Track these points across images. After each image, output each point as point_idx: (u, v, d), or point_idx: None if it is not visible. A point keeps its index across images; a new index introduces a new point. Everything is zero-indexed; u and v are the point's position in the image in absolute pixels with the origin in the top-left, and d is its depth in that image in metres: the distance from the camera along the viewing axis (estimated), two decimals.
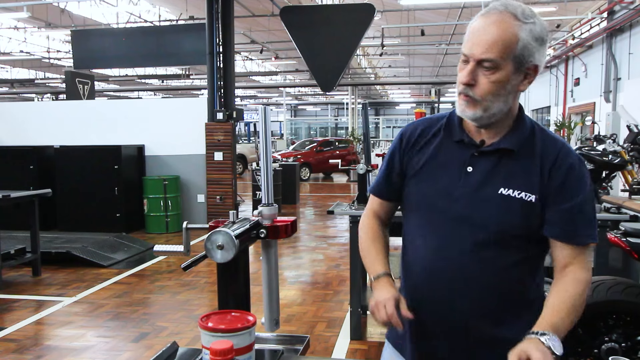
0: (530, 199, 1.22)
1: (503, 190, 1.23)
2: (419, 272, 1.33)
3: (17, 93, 25.30)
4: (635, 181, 6.48)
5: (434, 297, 1.30)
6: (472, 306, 1.27)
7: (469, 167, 1.27)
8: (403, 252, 1.42)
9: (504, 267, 1.25)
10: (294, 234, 1.36)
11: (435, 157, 1.33)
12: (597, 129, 10.08)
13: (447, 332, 1.30)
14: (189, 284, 5.28)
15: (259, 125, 1.37)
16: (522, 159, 1.25)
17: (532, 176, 1.24)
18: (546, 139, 1.28)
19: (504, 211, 1.23)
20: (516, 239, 1.24)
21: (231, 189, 8.18)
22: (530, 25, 1.18)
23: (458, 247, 1.26)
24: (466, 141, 1.30)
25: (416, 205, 1.35)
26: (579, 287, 1.22)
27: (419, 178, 1.34)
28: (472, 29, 1.22)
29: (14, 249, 5.35)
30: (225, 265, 1.19)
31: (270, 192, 1.36)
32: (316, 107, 44.03)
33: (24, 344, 3.79)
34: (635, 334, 2.55)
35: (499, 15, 1.18)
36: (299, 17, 8.57)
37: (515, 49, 1.17)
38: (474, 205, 1.25)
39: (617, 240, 2.63)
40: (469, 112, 1.24)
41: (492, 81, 1.19)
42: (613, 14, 13.30)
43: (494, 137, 1.28)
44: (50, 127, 8.73)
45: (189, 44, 10.36)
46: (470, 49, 1.20)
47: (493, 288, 1.26)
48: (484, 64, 1.19)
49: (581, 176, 1.25)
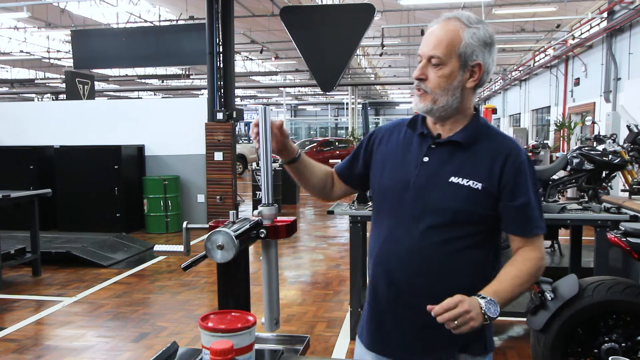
0: (477, 186, 1.34)
1: (453, 179, 1.36)
2: (376, 255, 1.45)
3: (17, 93, 25.30)
4: (635, 181, 6.47)
5: (389, 279, 1.41)
6: (425, 288, 1.37)
7: (425, 158, 1.41)
8: (369, 241, 1.53)
9: (449, 250, 1.36)
10: (294, 234, 1.35)
11: (398, 149, 1.48)
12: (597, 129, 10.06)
13: (401, 312, 1.40)
14: (189, 284, 5.28)
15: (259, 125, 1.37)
16: (473, 152, 1.39)
17: (480, 168, 1.36)
18: (497, 137, 1.42)
19: (454, 197, 1.35)
20: (464, 224, 1.36)
21: (231, 189, 8.18)
22: (473, 29, 1.35)
23: (412, 231, 1.37)
24: (425, 133, 1.44)
25: (378, 194, 1.49)
26: (527, 264, 1.36)
27: (381, 168, 1.49)
28: (425, 34, 1.40)
29: (14, 249, 5.35)
30: (225, 265, 1.19)
31: (270, 192, 1.36)
32: (316, 107, 44.04)
33: (24, 344, 3.79)
34: (635, 334, 2.55)
35: (447, 20, 1.37)
36: (299, 17, 8.57)
37: (458, 47, 1.33)
38: (427, 192, 1.37)
39: (617, 240, 2.63)
40: (421, 104, 1.39)
41: (439, 76, 1.35)
42: (613, 14, 13.29)
43: (449, 132, 1.42)
44: (50, 127, 8.73)
45: (189, 44, 10.37)
46: (421, 48, 1.38)
47: (445, 270, 1.36)
48: (432, 60, 1.35)
49: (530, 174, 1.38)
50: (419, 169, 1.40)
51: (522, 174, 1.36)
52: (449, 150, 1.40)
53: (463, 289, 1.30)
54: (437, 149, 1.41)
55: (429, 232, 1.35)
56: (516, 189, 1.35)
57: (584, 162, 5.74)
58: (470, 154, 1.38)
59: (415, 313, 1.37)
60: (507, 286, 1.33)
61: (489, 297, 1.27)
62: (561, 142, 15.54)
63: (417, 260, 1.36)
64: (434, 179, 1.38)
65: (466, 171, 1.36)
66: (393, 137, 1.51)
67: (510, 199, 1.35)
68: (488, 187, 1.34)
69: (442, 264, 1.36)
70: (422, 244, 1.36)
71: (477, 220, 1.36)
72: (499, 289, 1.31)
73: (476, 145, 1.39)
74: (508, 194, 1.35)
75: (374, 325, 1.47)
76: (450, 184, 1.35)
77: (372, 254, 1.48)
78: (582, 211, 3.53)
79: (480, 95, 34.01)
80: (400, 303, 1.40)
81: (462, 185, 1.35)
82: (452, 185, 1.35)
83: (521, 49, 21.48)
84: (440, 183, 1.36)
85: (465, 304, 1.22)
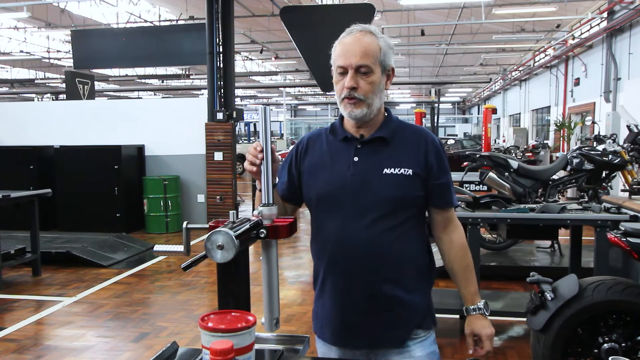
0: (409, 172, 1.50)
1: (387, 170, 1.49)
2: (328, 255, 1.53)
3: (17, 93, 25.29)
4: (635, 181, 6.47)
5: (348, 275, 1.50)
6: (384, 274, 1.49)
7: (355, 158, 1.52)
8: (312, 246, 1.62)
9: (398, 235, 1.50)
10: (294, 234, 1.36)
11: (325, 156, 1.57)
12: (597, 129, 10.07)
13: (364, 302, 1.50)
14: (189, 284, 5.28)
15: (259, 125, 1.37)
16: (396, 144, 1.54)
17: (407, 156, 1.52)
18: (413, 128, 1.60)
19: (391, 186, 1.48)
20: (404, 209, 1.51)
21: (231, 189, 8.18)
22: (383, 39, 1.51)
23: (357, 226, 1.48)
24: (349, 137, 1.55)
25: (316, 199, 1.56)
26: (465, 249, 1.61)
27: (314, 176, 1.58)
28: (342, 46, 1.49)
29: (14, 249, 5.35)
30: (225, 265, 1.19)
31: (270, 192, 1.36)
32: (316, 107, 44.03)
33: (24, 344, 3.79)
34: (635, 334, 2.55)
35: (362, 33, 1.49)
36: (299, 17, 8.56)
37: (379, 56, 1.48)
38: (365, 187, 1.49)
39: (617, 240, 2.63)
40: (356, 111, 1.49)
41: (369, 82, 1.47)
42: (613, 14, 13.30)
43: (370, 131, 1.55)
44: (50, 127, 8.73)
45: (189, 44, 10.36)
46: (346, 60, 1.46)
47: (399, 254, 1.50)
48: (361, 69, 1.46)
49: (445, 156, 1.59)
50: (352, 168, 1.51)
51: (441, 157, 1.56)
52: (375, 147, 1.53)
53: (413, 267, 1.54)
54: (364, 148, 1.53)
55: (376, 223, 1.48)
56: (440, 169, 1.54)
57: (584, 162, 5.75)
58: (394, 146, 1.53)
59: (377, 300, 1.50)
60: (473, 280, 1.61)
61: (478, 303, 1.59)
62: (561, 142, 15.55)
63: (372, 251, 1.48)
64: (369, 174, 1.50)
65: (395, 161, 1.50)
66: (316, 146, 1.61)
67: (437, 178, 1.54)
68: (417, 171, 1.50)
69: (394, 249, 1.49)
70: (372, 235, 1.47)
71: (412, 202, 1.52)
72: (474, 289, 1.61)
73: (397, 137, 1.54)
74: (434, 174, 1.53)
75: (338, 321, 1.55)
76: (385, 175, 1.49)
77: (323, 255, 1.55)
78: (582, 211, 3.53)
79: (480, 95, 34.02)
80: (363, 294, 1.50)
81: (395, 174, 1.49)
82: (386, 176, 1.49)
83: (521, 49, 21.49)
84: (375, 176, 1.49)
85: (487, 329, 1.56)
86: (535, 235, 4.48)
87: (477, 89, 33.56)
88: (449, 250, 1.61)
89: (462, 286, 1.61)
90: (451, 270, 1.62)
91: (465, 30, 16.75)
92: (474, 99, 37.28)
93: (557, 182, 5.71)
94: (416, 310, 1.54)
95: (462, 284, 1.61)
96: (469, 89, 35.40)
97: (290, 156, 1.67)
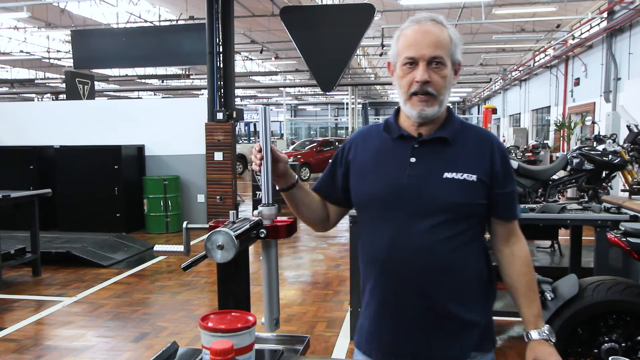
0: (472, 178, 1.35)
1: (447, 174, 1.35)
2: (382, 263, 1.39)
3: (17, 93, 25.29)
4: (635, 181, 6.48)
5: (403, 285, 1.36)
6: (442, 286, 1.35)
7: (412, 159, 1.38)
8: (361, 251, 1.48)
9: (458, 245, 1.35)
10: (294, 234, 1.36)
11: (379, 155, 1.43)
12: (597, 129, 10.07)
13: (420, 315, 1.36)
14: (189, 284, 5.28)
15: (259, 125, 1.37)
16: (459, 146, 1.39)
17: (471, 160, 1.38)
18: (476, 130, 1.46)
19: (453, 192, 1.34)
20: (465, 217, 1.37)
21: (231, 189, 8.18)
22: (451, 29, 1.38)
23: (414, 233, 1.34)
24: (405, 135, 1.41)
25: (368, 202, 1.43)
26: (529, 264, 1.45)
27: (365, 177, 1.44)
28: (411, 36, 1.35)
29: (14, 249, 5.35)
30: (225, 265, 1.19)
31: (270, 192, 1.36)
32: (316, 107, 44.05)
33: (24, 344, 3.79)
34: (635, 334, 2.55)
35: (432, 22, 1.36)
36: (299, 17, 8.56)
37: (450, 48, 1.35)
38: (423, 191, 1.35)
39: (617, 240, 2.63)
40: (428, 110, 1.35)
41: (442, 76, 1.34)
42: (613, 14, 13.29)
43: (430, 130, 1.40)
44: (50, 127, 8.73)
45: (189, 44, 10.35)
46: (418, 51, 1.32)
47: (458, 265, 1.36)
48: (434, 61, 1.32)
49: (510, 163, 1.45)
50: (409, 170, 1.37)
51: (507, 163, 1.42)
52: (434, 147, 1.39)
53: (474, 280, 1.39)
54: (422, 148, 1.39)
55: (435, 230, 1.34)
56: (506, 177, 1.41)
57: (584, 162, 5.74)
58: (457, 148, 1.39)
59: (433, 314, 1.36)
60: (537, 300, 1.44)
61: (542, 327, 1.41)
62: (561, 142, 15.54)
63: (429, 259, 1.34)
64: (427, 177, 1.36)
65: (458, 165, 1.36)
66: (368, 144, 1.48)
67: (502, 187, 1.40)
68: (482, 178, 1.36)
69: (454, 259, 1.35)
70: (431, 243, 1.34)
71: (475, 210, 1.38)
72: (537, 310, 1.43)
73: (459, 139, 1.40)
74: (500, 182, 1.39)
75: (387, 335, 1.41)
76: (446, 179, 1.35)
77: (375, 262, 1.41)
78: (582, 211, 3.53)
79: (481, 95, 34.03)
80: (417, 307, 1.36)
81: (458, 179, 1.35)
82: (447, 180, 1.35)
83: (521, 49, 21.48)
84: (435, 180, 1.35)
85: (554, 357, 1.37)
86: (535, 235, 4.48)
87: (477, 89, 33.57)
88: (509, 265, 1.45)
89: (524, 306, 1.43)
90: (511, 287, 1.46)
91: (465, 30, 16.74)
92: (474, 99, 37.28)
93: (557, 182, 5.71)
94: (475, 329, 1.38)
95: (524, 303, 1.43)
96: (469, 89, 35.40)
97: (336, 154, 1.55)
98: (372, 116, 37.83)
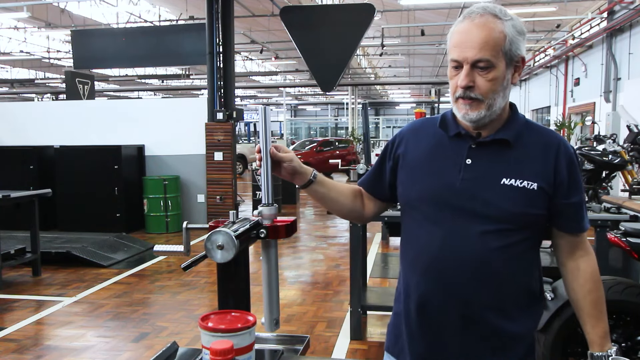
0: (533, 187, 1.25)
1: (505, 180, 1.26)
2: (426, 267, 1.31)
3: (17, 93, 25.29)
4: (635, 181, 6.48)
5: (448, 292, 1.28)
6: (482, 297, 1.26)
7: (467, 160, 1.29)
8: (404, 252, 1.40)
9: (511, 256, 1.27)
10: (294, 234, 1.35)
11: (432, 153, 1.35)
12: (597, 129, 10.08)
13: (463, 325, 1.28)
14: (189, 284, 5.28)
15: (259, 125, 1.37)
16: (520, 149, 1.28)
17: (533, 166, 1.27)
18: (542, 131, 1.33)
19: (509, 200, 1.25)
20: (521, 227, 1.27)
21: (231, 189, 8.18)
22: (510, 22, 1.23)
23: (464, 238, 1.26)
24: (463, 133, 1.31)
25: (417, 201, 1.34)
26: (597, 280, 1.33)
27: (415, 175, 1.35)
28: (457, 35, 1.25)
29: (14, 249, 5.35)
30: (225, 265, 1.19)
31: (270, 192, 1.36)
32: (316, 107, 44.03)
33: (24, 344, 3.79)
34: (635, 334, 2.55)
35: (482, 17, 1.23)
36: (299, 17, 8.56)
37: (504, 45, 1.22)
38: (478, 196, 1.26)
39: (617, 240, 2.63)
40: (472, 114, 1.25)
41: (489, 80, 1.23)
42: (613, 14, 13.30)
43: (491, 131, 1.31)
44: (50, 127, 8.73)
45: (189, 44, 10.36)
46: (461, 53, 1.23)
47: (508, 277, 1.27)
48: (478, 64, 1.22)
49: (579, 169, 1.33)
50: (463, 172, 1.28)
51: (575, 169, 1.30)
52: (493, 149, 1.29)
53: (523, 294, 1.30)
54: (479, 150, 1.29)
55: (486, 238, 1.25)
56: (572, 186, 1.28)
57: (584, 162, 5.75)
58: (518, 152, 1.28)
59: (476, 325, 1.27)
60: (604, 319, 1.33)
61: (608, 350, 1.30)
62: None
63: (478, 268, 1.25)
64: (483, 181, 1.26)
65: (518, 171, 1.26)
66: (421, 139, 1.38)
67: (567, 197, 1.28)
68: (543, 186, 1.26)
69: (504, 270, 1.26)
70: (481, 250, 1.25)
71: (533, 221, 1.28)
72: (603, 330, 1.32)
73: (522, 141, 1.29)
74: (564, 191, 1.28)
75: (424, 342, 1.33)
76: (503, 186, 1.25)
77: (418, 265, 1.33)
78: None
79: None
80: (460, 316, 1.27)
81: (516, 187, 1.25)
82: (505, 187, 1.25)
83: None
84: (491, 186, 1.26)
85: None
86: None
87: None
88: (574, 280, 1.35)
89: (589, 324, 1.32)
90: (576, 304, 1.35)
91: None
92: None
93: None
94: (520, 344, 1.30)
95: (589, 321, 1.32)
96: None
97: (385, 148, 1.46)
98: (372, 116, 37.82)
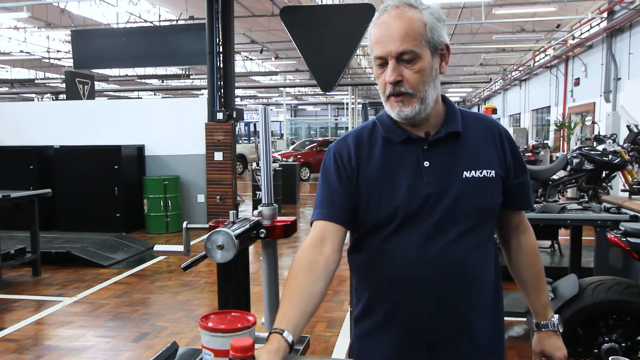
0: (491, 174, 1.24)
1: (466, 173, 1.22)
2: (403, 281, 1.22)
3: (17, 93, 25.28)
4: (635, 181, 6.47)
5: (425, 302, 1.22)
6: (466, 300, 1.23)
7: (425, 162, 1.23)
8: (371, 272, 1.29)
9: (482, 254, 1.25)
10: (294, 234, 1.36)
11: (387, 165, 1.25)
12: (597, 129, 10.07)
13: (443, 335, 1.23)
14: (189, 284, 5.28)
15: (259, 125, 1.37)
16: (468, 140, 1.26)
17: (484, 154, 1.26)
18: (478, 118, 1.32)
19: (475, 193, 1.22)
20: (487, 219, 1.26)
21: (231, 189, 8.18)
22: (427, 10, 1.19)
23: (441, 242, 1.20)
24: (413, 137, 1.25)
25: (385, 220, 1.23)
26: (537, 254, 1.39)
27: (378, 193, 1.24)
28: (376, 31, 1.20)
29: (14, 249, 5.35)
30: (225, 265, 1.19)
31: (270, 192, 1.36)
32: (316, 107, 44.03)
33: (24, 344, 3.79)
34: (635, 334, 2.55)
35: (398, 9, 1.18)
36: (299, 17, 8.57)
37: (426, 34, 1.17)
38: (445, 196, 1.21)
39: (617, 240, 2.63)
40: (406, 109, 1.20)
41: (416, 71, 1.17)
42: (613, 14, 13.29)
43: (436, 127, 1.26)
44: (50, 127, 8.73)
45: (189, 44, 10.36)
46: (384, 48, 1.17)
47: (481, 276, 1.26)
48: (403, 57, 1.16)
49: (518, 148, 1.33)
50: (425, 176, 1.21)
51: (516, 149, 1.31)
52: (446, 146, 1.24)
53: (492, 288, 1.29)
54: (433, 150, 1.23)
55: (462, 240, 1.21)
56: (518, 166, 1.30)
57: (584, 162, 5.75)
58: (468, 142, 1.25)
59: (467, 331, 1.24)
60: (545, 290, 1.40)
61: (551, 318, 1.39)
62: (561, 142, 15.54)
63: (461, 272, 1.21)
64: (446, 180, 1.21)
65: (474, 161, 1.23)
66: (372, 153, 1.26)
67: (516, 177, 1.29)
68: (499, 172, 1.25)
69: (482, 269, 1.25)
70: (460, 253, 1.20)
71: (495, 211, 1.27)
72: (545, 300, 1.40)
73: (467, 130, 1.26)
74: (513, 172, 1.29)
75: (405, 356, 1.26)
76: (466, 179, 1.21)
77: (396, 283, 1.23)
78: (582, 211, 3.52)
79: (480, 95, 34.01)
80: (451, 326, 1.23)
81: (478, 177, 1.22)
82: (467, 180, 1.21)
83: (521, 49, 21.47)
84: (455, 183, 1.21)
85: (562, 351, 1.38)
86: (535, 235, 4.46)
87: (477, 89, 33.56)
88: (517, 255, 1.38)
89: (532, 296, 1.38)
90: (519, 277, 1.39)
91: (465, 30, 16.74)
92: (474, 99, 37.26)
93: (557, 182, 5.71)
94: (501, 342, 1.31)
95: (532, 293, 1.38)
96: (469, 89, 35.39)
97: (335, 168, 1.28)
98: (372, 116, 37.73)
